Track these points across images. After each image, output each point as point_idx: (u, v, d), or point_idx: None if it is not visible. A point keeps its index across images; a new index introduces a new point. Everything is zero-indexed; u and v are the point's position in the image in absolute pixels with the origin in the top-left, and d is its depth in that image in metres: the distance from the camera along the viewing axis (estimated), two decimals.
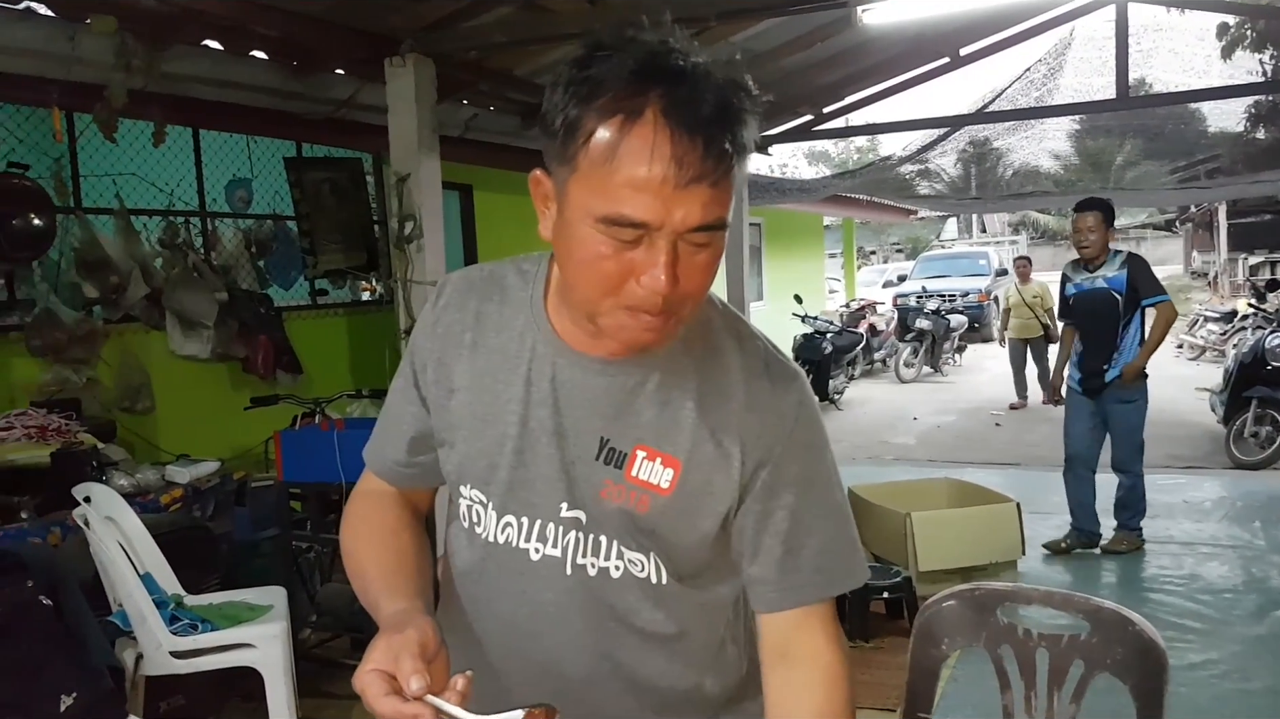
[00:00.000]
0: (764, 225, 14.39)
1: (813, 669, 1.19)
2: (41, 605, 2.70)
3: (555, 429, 1.16)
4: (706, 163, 0.96)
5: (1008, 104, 8.36)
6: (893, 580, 4.42)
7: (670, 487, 1.14)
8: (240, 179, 6.14)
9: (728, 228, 1.02)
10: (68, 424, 4.24)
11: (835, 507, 1.22)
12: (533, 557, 1.19)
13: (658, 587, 1.19)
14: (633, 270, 1.00)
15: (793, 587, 1.19)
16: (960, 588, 1.94)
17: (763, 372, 1.18)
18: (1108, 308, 5.22)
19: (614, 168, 0.97)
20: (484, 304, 1.23)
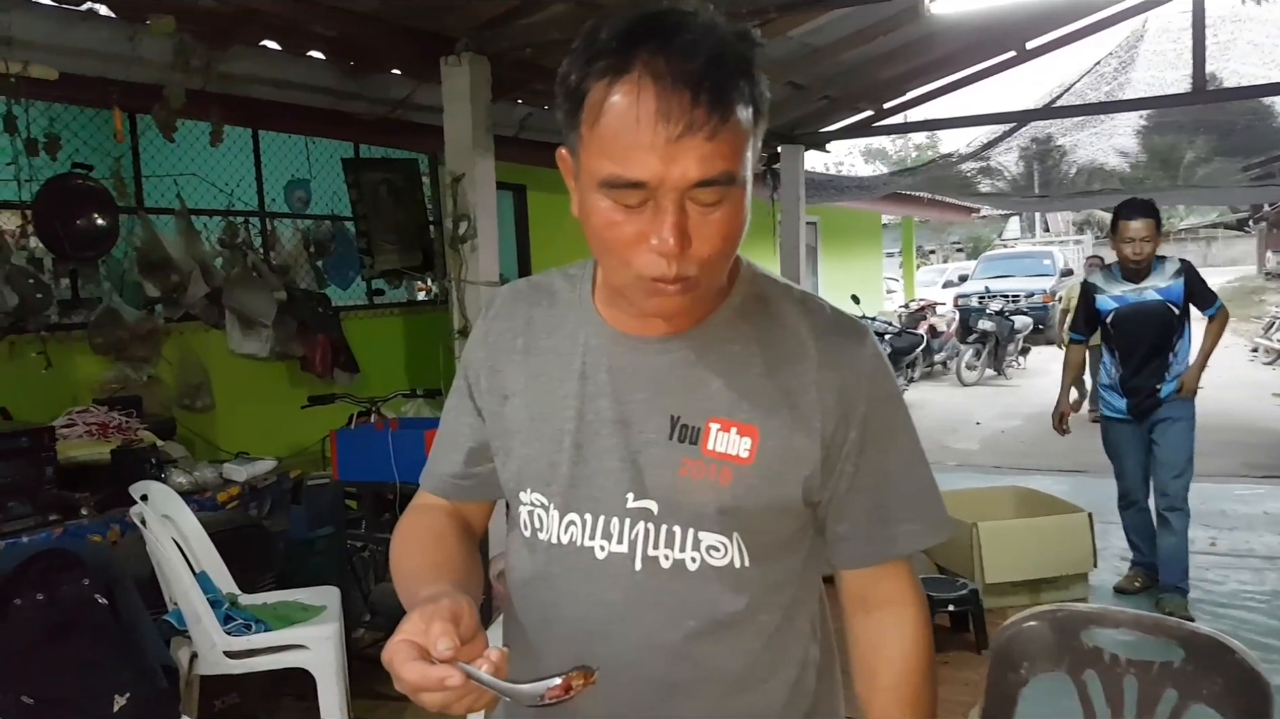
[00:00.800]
0: (820, 224, 14.23)
1: (897, 614, 1.20)
2: (98, 604, 2.70)
3: (616, 418, 1.14)
4: (696, 114, 0.94)
5: (1076, 99, 8.13)
6: (958, 593, 4.28)
7: (750, 455, 1.11)
8: (299, 179, 6.17)
9: (739, 183, 1.00)
10: (128, 421, 4.27)
11: (919, 457, 1.21)
12: (598, 555, 1.14)
13: (739, 572, 1.14)
14: (645, 236, 0.99)
15: (883, 539, 1.18)
16: (1042, 609, 1.83)
17: (832, 328, 1.16)
18: (1161, 323, 4.58)
19: (609, 129, 0.97)
20: (533, 309, 1.23)
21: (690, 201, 0.98)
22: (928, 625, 1.22)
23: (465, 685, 0.91)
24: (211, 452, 5.03)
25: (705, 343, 1.13)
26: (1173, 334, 4.59)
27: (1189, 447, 4.64)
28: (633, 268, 1.01)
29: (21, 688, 2.39)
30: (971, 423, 10.32)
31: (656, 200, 0.98)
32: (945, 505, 1.22)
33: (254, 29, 4.60)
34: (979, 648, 4.20)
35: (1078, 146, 10.12)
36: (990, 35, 7.36)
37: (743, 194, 1.02)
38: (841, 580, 1.23)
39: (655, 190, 0.97)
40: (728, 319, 1.14)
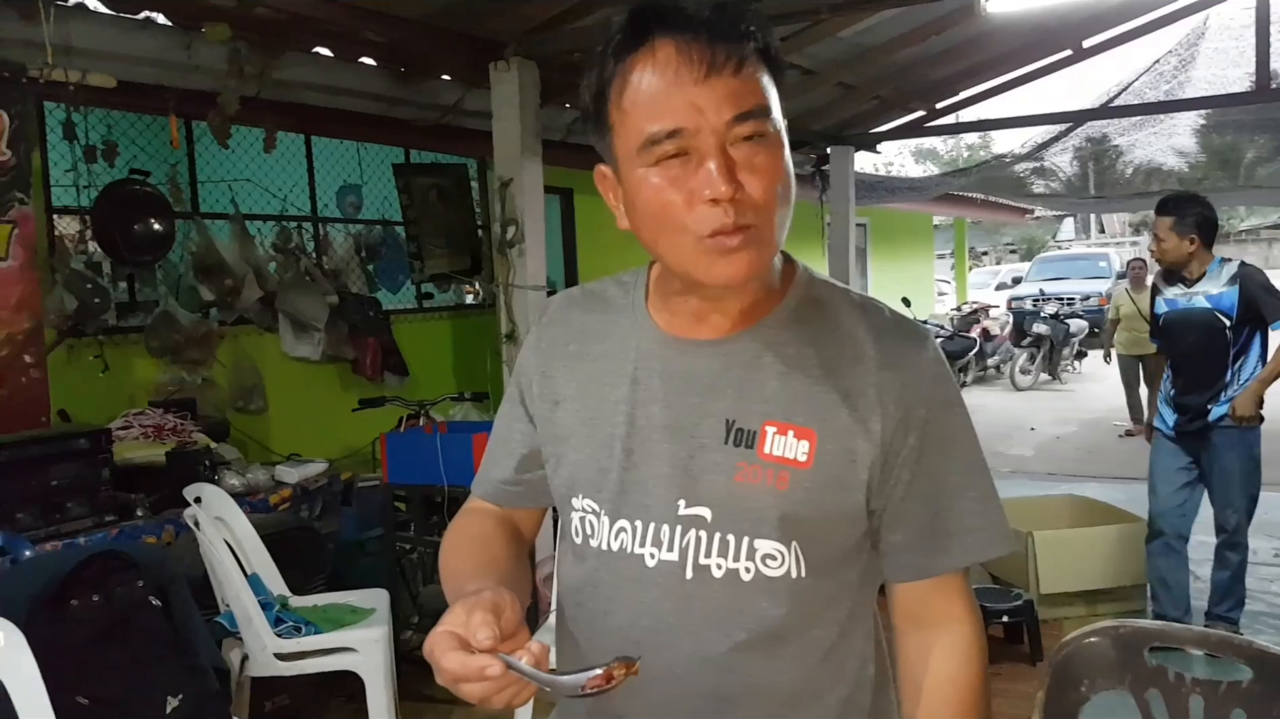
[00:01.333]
0: (870, 225, 14.10)
1: (949, 635, 1.16)
2: (152, 605, 2.73)
3: (668, 423, 1.12)
4: (717, 51, 0.97)
5: (1134, 98, 7.96)
6: (1013, 604, 4.20)
7: (808, 459, 1.08)
8: (351, 185, 6.24)
9: (774, 119, 1.01)
10: (183, 424, 4.34)
11: (979, 466, 1.16)
12: (648, 562, 1.12)
13: (794, 583, 1.10)
14: (696, 195, 0.99)
15: (940, 552, 1.14)
16: (1104, 624, 1.77)
17: (892, 331, 1.13)
18: (1208, 333, 4.07)
19: (638, 96, 0.99)
20: (587, 316, 1.22)
21: (732, 146, 0.99)
22: (983, 647, 1.17)
23: (505, 676, 0.90)
24: (264, 453, 5.09)
25: (760, 345, 1.11)
26: (1225, 348, 4.04)
27: (1245, 481, 4.12)
28: (691, 232, 1.00)
29: (77, 688, 2.42)
30: (1025, 429, 10.15)
31: (699, 153, 0.98)
32: (1006, 518, 1.18)
33: (306, 36, 4.66)
34: (1034, 660, 4.12)
35: (1135, 146, 9.91)
36: (1046, 34, 7.24)
37: (780, 139, 1.02)
38: (893, 594, 1.19)
39: (694, 139, 0.98)
40: (783, 321, 1.12)
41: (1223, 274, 4.07)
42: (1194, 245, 4.05)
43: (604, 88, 1.02)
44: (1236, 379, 4.05)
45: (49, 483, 3.40)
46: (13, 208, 3.63)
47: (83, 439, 3.57)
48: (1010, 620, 4.21)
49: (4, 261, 3.63)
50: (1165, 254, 4.12)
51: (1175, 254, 4.09)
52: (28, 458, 3.37)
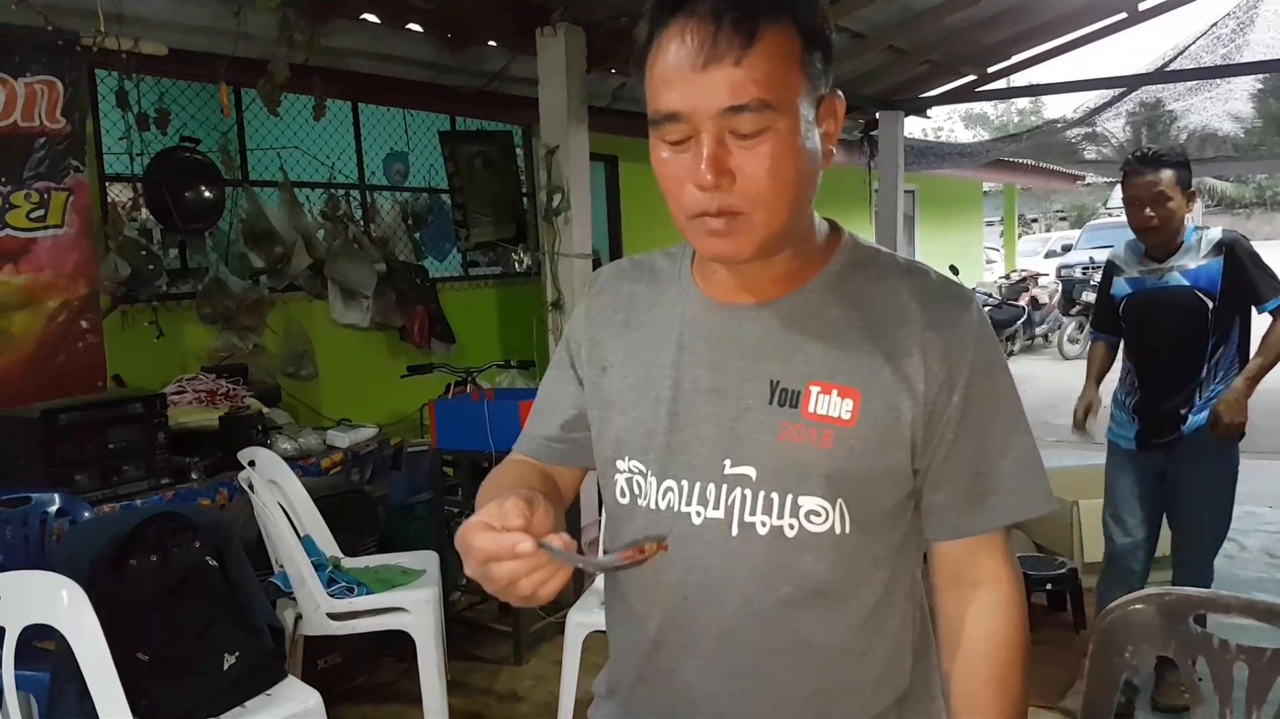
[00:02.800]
0: (918, 192, 13.92)
1: (990, 592, 1.18)
2: (209, 566, 2.80)
3: (713, 386, 1.14)
4: (720, 40, 0.98)
5: (1190, 62, 7.76)
6: (1056, 572, 4.18)
7: (852, 417, 1.10)
8: (397, 152, 6.28)
9: (777, 110, 1.00)
10: (235, 389, 4.42)
11: (1022, 427, 1.17)
12: (694, 520, 1.14)
13: (838, 539, 1.12)
14: (689, 174, 1.02)
15: (981, 511, 1.16)
16: (1149, 591, 1.77)
17: (938, 292, 1.15)
18: (1185, 319, 3.25)
19: (655, 71, 1.03)
20: (635, 286, 1.26)
21: (731, 135, 1.00)
22: (1022, 606, 1.19)
23: (537, 556, 0.94)
24: (314, 418, 5.18)
25: (803, 308, 1.13)
26: (1204, 338, 3.25)
27: (1218, 508, 3.32)
28: (683, 208, 1.05)
29: (137, 645, 2.49)
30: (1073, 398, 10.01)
31: (697, 136, 1.01)
32: (1047, 478, 1.18)
33: (355, 3, 4.68)
34: (1077, 628, 4.11)
35: (1189, 111, 9.67)
36: None
37: (793, 128, 1.02)
38: (934, 554, 1.21)
39: (693, 123, 1.01)
40: (826, 284, 1.14)
41: (1201, 245, 3.26)
42: (1190, 209, 3.29)
43: (643, 52, 1.06)
44: (1214, 376, 3.27)
45: (106, 446, 3.49)
46: (68, 175, 3.70)
47: (138, 404, 3.65)
48: (1053, 589, 4.20)
49: (60, 229, 3.71)
50: (1157, 222, 3.23)
51: (1170, 223, 3.24)
52: (85, 422, 3.46)
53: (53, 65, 3.62)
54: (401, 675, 3.81)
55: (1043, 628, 4.11)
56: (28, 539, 3.25)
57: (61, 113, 3.65)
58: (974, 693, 1.17)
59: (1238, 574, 4.75)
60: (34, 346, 3.66)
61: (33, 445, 3.37)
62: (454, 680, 3.74)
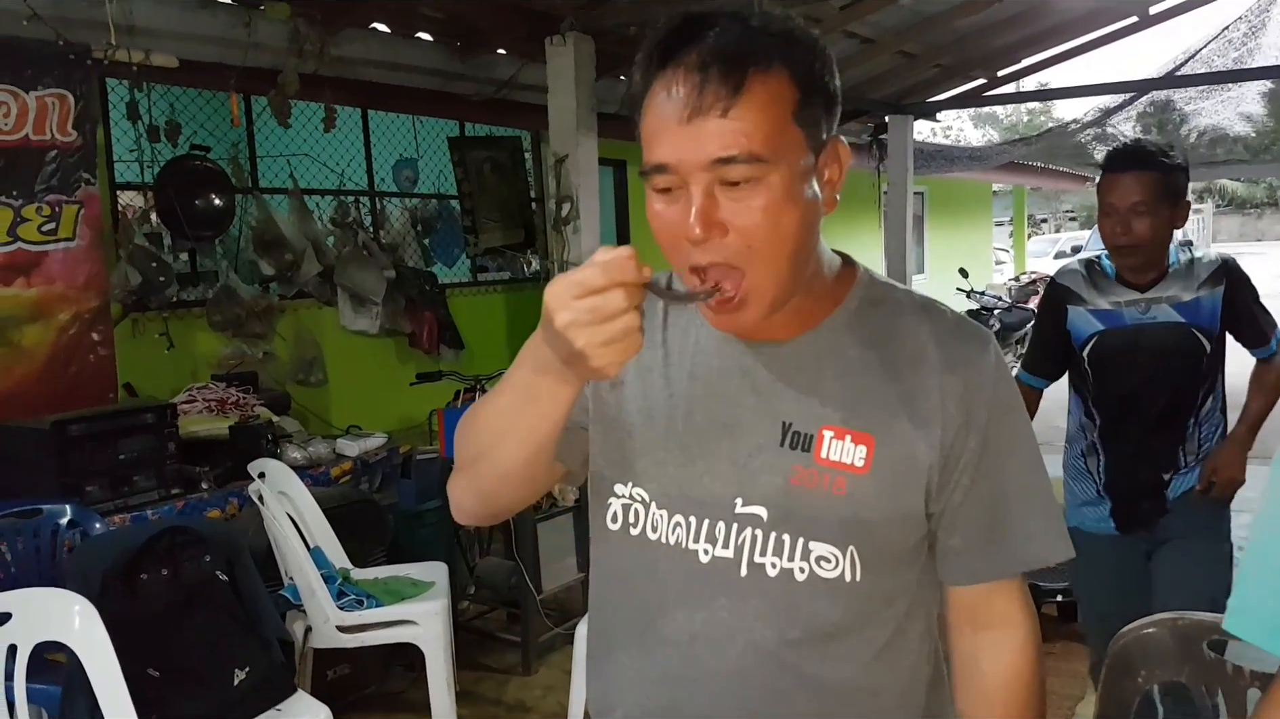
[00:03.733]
0: (927, 193, 13.89)
1: (1006, 636, 1.17)
2: (219, 580, 2.80)
3: (726, 422, 1.12)
4: (706, 92, 0.96)
5: (1201, 66, 7.73)
6: (1066, 583, 4.16)
7: (865, 464, 1.08)
8: (407, 159, 6.29)
9: (767, 163, 0.98)
10: (245, 397, 4.43)
11: (1039, 471, 1.16)
12: (702, 558, 1.12)
13: (849, 585, 1.10)
14: (679, 227, 1.01)
15: (998, 556, 1.14)
16: (1162, 616, 1.76)
17: (955, 333, 1.13)
18: (1182, 363, 2.56)
19: (646, 122, 1.02)
20: (651, 304, 1.19)
21: (721, 187, 0.98)
22: (1038, 649, 1.18)
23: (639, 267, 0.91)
24: (323, 426, 5.19)
25: (819, 347, 1.11)
26: (1197, 387, 2.59)
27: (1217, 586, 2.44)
28: (677, 262, 1.04)
29: (148, 660, 2.50)
30: None
31: (688, 188, 0.99)
32: (1064, 523, 1.17)
33: (365, 12, 4.69)
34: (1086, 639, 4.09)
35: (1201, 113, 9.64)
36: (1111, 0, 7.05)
37: (786, 179, 0.99)
38: (949, 595, 1.19)
39: (682, 175, 0.99)
40: (843, 323, 1.12)
41: (1196, 270, 2.58)
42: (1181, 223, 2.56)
43: (636, 101, 1.04)
44: (1199, 432, 2.61)
45: (117, 457, 3.49)
46: (79, 188, 3.71)
47: (149, 414, 3.65)
48: (1064, 600, 4.19)
49: (71, 242, 3.72)
50: (1145, 239, 2.51)
51: (1152, 238, 2.51)
52: (96, 433, 3.46)
53: (64, 78, 3.63)
54: (410, 685, 3.82)
55: (1053, 638, 4.10)
56: (39, 550, 3.26)
57: (73, 125, 3.66)
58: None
59: None
60: (45, 359, 3.68)
61: (44, 457, 3.38)
62: (463, 690, 3.74)
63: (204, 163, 4.81)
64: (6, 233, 3.53)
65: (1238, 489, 2.61)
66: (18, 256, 3.58)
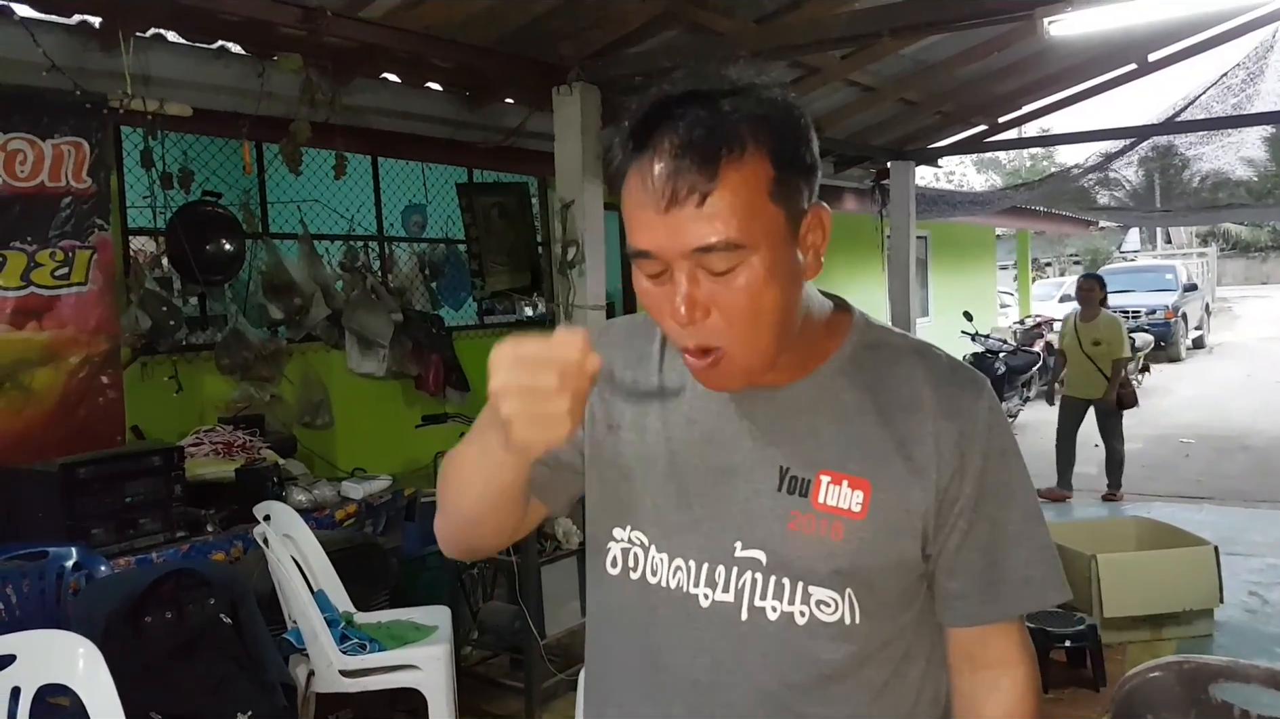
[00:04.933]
0: (930, 237, 13.95)
1: (1004, 675, 1.18)
2: (223, 623, 2.81)
3: (723, 467, 1.13)
4: (681, 183, 0.97)
5: (1201, 112, 7.82)
6: (1076, 628, 4.13)
7: (862, 510, 1.09)
8: (415, 205, 6.36)
9: (748, 248, 0.99)
10: (252, 440, 4.44)
11: (1035, 514, 1.17)
12: (702, 603, 1.13)
13: (848, 628, 1.11)
14: (666, 308, 1.02)
15: (996, 600, 1.15)
16: (1168, 659, 1.77)
17: (949, 378, 1.13)
18: None
19: (626, 205, 1.03)
20: (648, 346, 1.22)
21: (703, 270, 0.99)
22: (1036, 689, 1.19)
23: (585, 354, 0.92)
24: (329, 468, 5.20)
25: (816, 392, 1.12)
26: None
27: None
28: (669, 339, 1.07)
29: (152, 703, 2.50)
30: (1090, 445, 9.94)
31: (672, 272, 1.00)
32: (1061, 567, 1.18)
33: (376, 63, 4.77)
34: (1097, 686, 4.05)
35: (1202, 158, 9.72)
36: (1111, 48, 7.15)
37: (766, 259, 1.00)
38: (948, 636, 1.20)
39: (665, 260, 1.00)
40: (839, 368, 1.13)
41: None
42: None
43: (615, 181, 1.05)
44: None
45: (123, 500, 3.50)
46: (92, 234, 3.76)
47: (156, 457, 3.67)
48: (1073, 645, 4.15)
49: (84, 286, 3.76)
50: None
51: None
52: (104, 475, 3.48)
53: (80, 127, 3.70)
54: None
55: (1062, 685, 4.07)
56: (44, 593, 3.26)
57: (88, 173, 3.72)
58: None
59: (1260, 629, 4.69)
60: (55, 401, 3.70)
61: (52, 499, 3.40)
62: None
63: (215, 208, 4.87)
64: (20, 277, 3.58)
65: None
66: (31, 300, 3.63)
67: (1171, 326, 16.77)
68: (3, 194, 3.50)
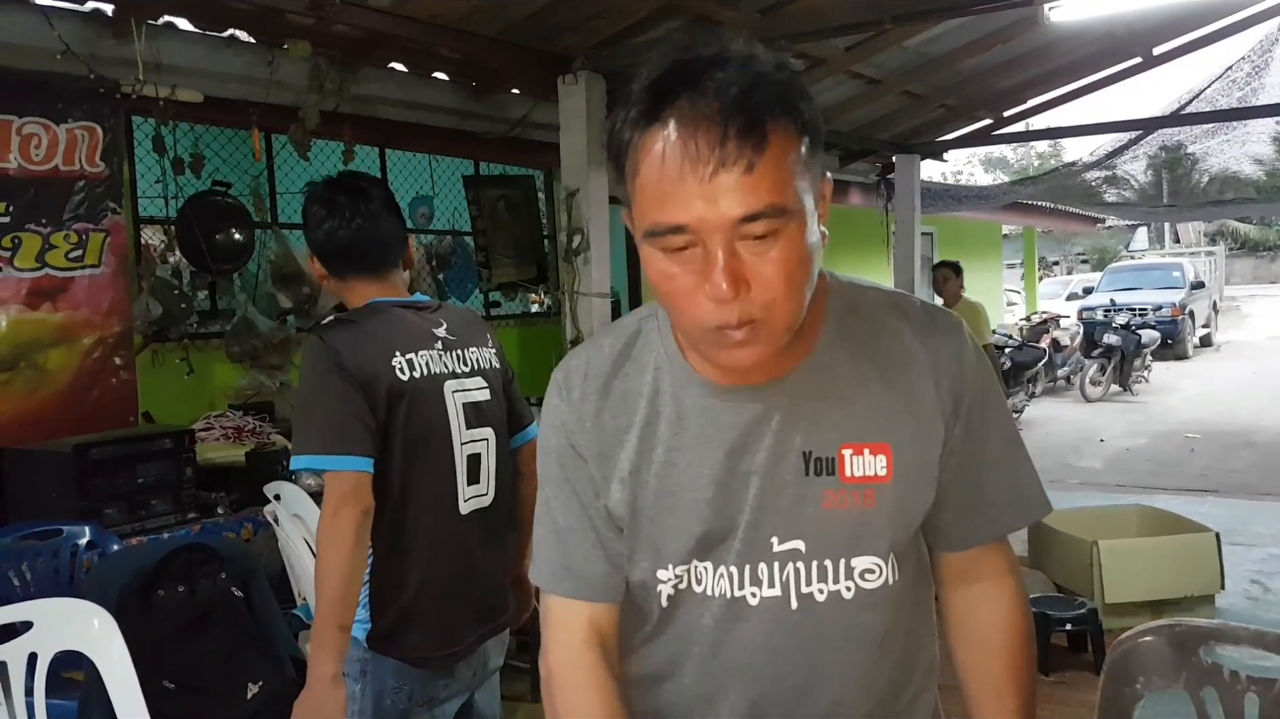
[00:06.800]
0: (936, 234, 13.96)
1: (998, 586, 1.23)
2: (233, 597, 2.85)
3: (749, 471, 1.12)
4: (728, 149, 0.91)
5: (1206, 105, 7.83)
6: (1076, 612, 4.16)
7: (888, 473, 1.12)
8: (423, 196, 6.40)
9: (790, 214, 0.95)
10: (261, 426, 4.49)
11: (1014, 438, 1.22)
12: (750, 602, 1.15)
13: (891, 589, 1.17)
14: (700, 286, 0.96)
15: (986, 524, 1.21)
16: (1160, 623, 1.79)
17: (931, 326, 1.17)
18: None
19: (647, 179, 0.96)
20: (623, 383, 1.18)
21: (741, 241, 0.95)
22: (1025, 602, 1.25)
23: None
24: None
25: (816, 374, 1.12)
26: None
27: None
28: (697, 321, 0.99)
29: (163, 674, 2.54)
30: (1095, 440, 9.98)
31: (705, 246, 0.95)
32: (1040, 481, 1.24)
33: (384, 52, 4.81)
34: (1098, 669, 4.07)
35: (1209, 154, 9.73)
36: (1115, 42, 7.16)
37: (801, 226, 0.97)
38: (940, 560, 1.25)
39: (700, 234, 0.94)
40: (830, 343, 1.13)
41: None
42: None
43: (621, 156, 0.99)
44: None
45: (135, 481, 3.56)
46: (105, 217, 3.82)
47: (167, 440, 3.72)
48: (1074, 629, 4.18)
49: (97, 269, 3.82)
50: None
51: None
52: (116, 457, 3.53)
53: (93, 112, 3.75)
54: None
55: (1063, 669, 4.10)
56: (58, 571, 3.31)
57: (100, 157, 3.78)
58: (994, 679, 1.23)
59: (1262, 617, 4.71)
60: (69, 382, 3.75)
61: (65, 479, 3.45)
62: None
63: (225, 198, 4.91)
64: (35, 259, 3.63)
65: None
66: (45, 282, 3.68)
67: (1178, 324, 16.76)
68: (19, 177, 3.56)
